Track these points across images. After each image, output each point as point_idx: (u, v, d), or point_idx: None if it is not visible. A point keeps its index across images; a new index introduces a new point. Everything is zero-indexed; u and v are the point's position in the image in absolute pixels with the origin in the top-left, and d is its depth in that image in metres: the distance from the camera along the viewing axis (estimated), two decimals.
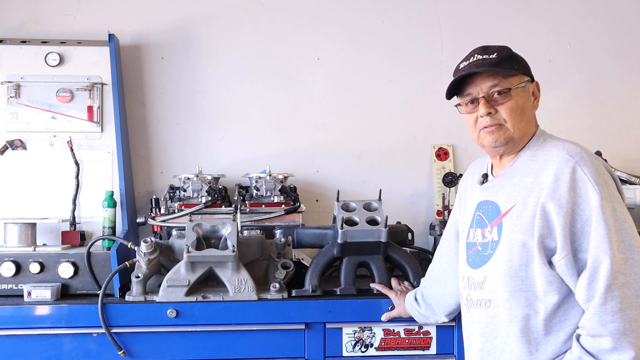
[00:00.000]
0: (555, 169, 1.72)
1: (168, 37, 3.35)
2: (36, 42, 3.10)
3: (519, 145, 1.86)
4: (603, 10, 3.50)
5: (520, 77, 1.85)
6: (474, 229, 1.91)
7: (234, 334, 2.51)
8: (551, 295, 1.72)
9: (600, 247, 1.64)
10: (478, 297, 1.85)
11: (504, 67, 1.82)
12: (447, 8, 3.45)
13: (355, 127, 3.42)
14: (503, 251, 1.77)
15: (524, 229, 1.74)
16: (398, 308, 2.43)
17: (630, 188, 3.20)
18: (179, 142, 3.35)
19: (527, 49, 3.50)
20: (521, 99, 1.83)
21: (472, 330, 1.90)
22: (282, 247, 2.67)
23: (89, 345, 2.47)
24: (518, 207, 1.76)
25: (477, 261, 1.87)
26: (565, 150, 1.76)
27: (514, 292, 1.75)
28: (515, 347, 1.75)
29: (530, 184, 1.76)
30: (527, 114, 1.85)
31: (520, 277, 1.74)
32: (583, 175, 1.70)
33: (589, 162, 1.72)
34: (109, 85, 3.07)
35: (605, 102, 3.50)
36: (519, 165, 1.83)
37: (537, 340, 1.73)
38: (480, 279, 1.85)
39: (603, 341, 1.62)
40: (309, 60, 3.41)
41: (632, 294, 1.62)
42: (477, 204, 1.91)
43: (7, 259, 2.62)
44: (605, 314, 1.62)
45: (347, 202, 2.70)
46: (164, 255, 2.60)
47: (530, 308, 1.74)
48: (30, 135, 3.03)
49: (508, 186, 1.82)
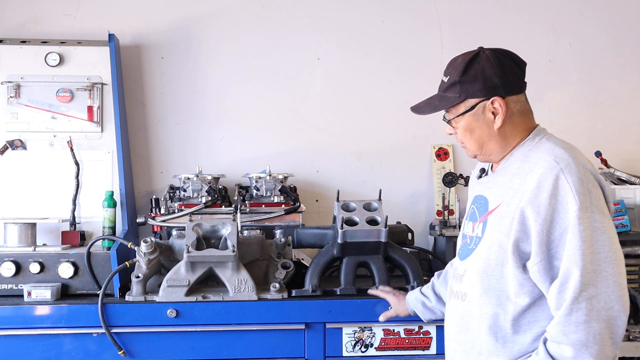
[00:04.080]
0: (540, 175, 1.72)
1: (168, 37, 3.35)
2: (36, 42, 3.10)
3: (502, 153, 1.87)
4: (603, 10, 3.50)
5: (465, 103, 1.84)
6: (468, 220, 1.94)
7: (234, 334, 2.51)
8: (522, 298, 1.74)
9: (572, 259, 1.65)
10: (457, 289, 1.90)
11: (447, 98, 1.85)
12: (447, 8, 3.45)
13: (355, 127, 3.42)
14: (483, 248, 1.80)
15: (503, 230, 1.75)
16: (396, 307, 2.42)
17: (630, 188, 3.21)
18: (179, 142, 3.35)
19: (527, 49, 3.52)
20: (468, 123, 1.85)
21: (450, 320, 1.94)
22: (282, 247, 2.67)
23: (89, 345, 2.47)
24: (502, 206, 1.78)
25: (463, 253, 1.91)
26: (553, 156, 1.75)
27: (487, 290, 1.78)
28: (485, 341, 1.79)
29: (517, 185, 1.77)
30: (478, 135, 1.85)
31: (495, 276, 1.77)
32: (565, 183, 1.69)
33: (574, 170, 1.72)
34: (109, 85, 3.07)
35: (605, 102, 3.50)
36: (511, 164, 1.84)
37: (505, 338, 1.77)
38: (461, 272, 1.89)
39: (565, 350, 1.65)
40: (309, 60, 3.41)
41: (600, 307, 1.63)
42: (474, 197, 1.94)
43: (7, 259, 2.62)
44: (569, 324, 1.64)
45: (347, 202, 2.70)
46: (164, 255, 2.60)
47: (500, 307, 1.77)
48: (30, 135, 3.03)
49: (499, 184, 1.84)
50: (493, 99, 1.81)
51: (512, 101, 1.84)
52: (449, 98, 1.85)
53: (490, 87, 1.81)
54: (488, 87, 1.82)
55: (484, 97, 1.82)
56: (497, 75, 1.82)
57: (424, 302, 2.32)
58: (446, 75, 1.89)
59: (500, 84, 1.82)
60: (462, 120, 1.85)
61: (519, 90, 1.88)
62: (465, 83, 1.83)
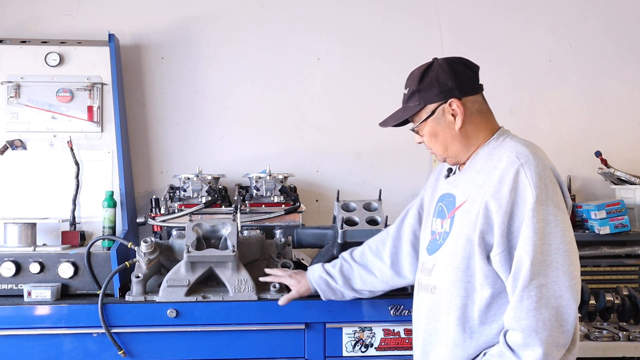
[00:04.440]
0: (502, 170, 1.82)
1: (168, 37, 3.35)
2: (36, 42, 3.10)
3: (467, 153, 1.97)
4: (603, 10, 3.50)
5: (425, 110, 1.96)
6: (435, 218, 2.02)
7: (234, 334, 2.51)
8: (486, 289, 1.83)
9: (525, 248, 1.74)
10: (426, 283, 1.97)
11: (408, 108, 1.98)
12: (447, 8, 3.45)
13: (355, 127, 3.42)
14: (451, 243, 1.90)
15: (469, 224, 1.85)
16: (297, 287, 2.41)
17: (630, 188, 3.21)
18: (179, 142, 3.35)
19: (527, 49, 3.54)
20: (431, 128, 1.97)
21: (419, 312, 2.01)
22: (282, 247, 2.67)
23: (89, 345, 2.47)
24: (469, 202, 1.88)
25: (432, 249, 1.99)
26: (515, 152, 1.84)
27: (455, 282, 1.86)
28: (452, 332, 1.87)
29: (482, 181, 1.86)
30: (441, 138, 1.97)
31: (462, 268, 1.85)
32: (524, 177, 1.78)
33: (534, 165, 1.80)
34: (109, 85, 3.07)
35: (605, 102, 3.50)
36: (476, 163, 1.93)
37: (472, 329, 1.85)
38: (430, 266, 1.97)
39: (516, 335, 1.74)
40: (308, 60, 3.41)
41: (550, 295, 1.72)
42: (441, 195, 2.03)
43: (7, 259, 2.62)
44: (520, 311, 1.73)
45: (347, 202, 2.70)
46: (164, 255, 2.60)
47: (468, 299, 1.85)
48: (30, 135, 3.03)
49: (465, 181, 1.93)
50: (450, 101, 1.92)
51: (469, 101, 1.94)
52: (411, 107, 1.98)
53: (445, 90, 1.93)
54: (444, 91, 1.93)
55: (442, 100, 1.94)
56: (450, 79, 1.93)
57: (327, 281, 2.36)
58: (406, 88, 2.02)
59: (455, 86, 1.92)
60: (425, 126, 1.98)
61: (475, 91, 1.97)
62: (422, 91, 1.95)
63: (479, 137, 1.95)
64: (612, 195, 3.33)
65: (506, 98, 3.45)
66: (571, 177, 3.40)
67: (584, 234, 3.14)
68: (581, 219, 3.21)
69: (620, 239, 3.08)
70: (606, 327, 2.77)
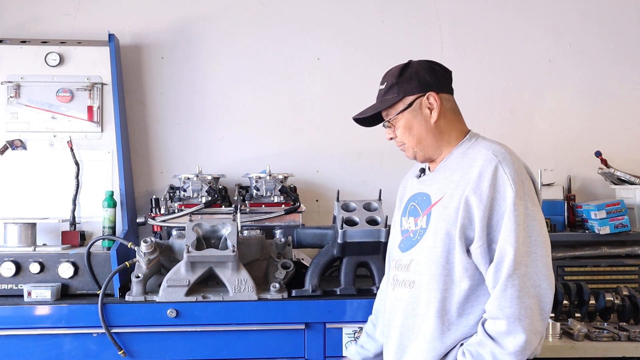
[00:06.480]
0: (480, 166, 1.88)
1: (168, 37, 3.35)
2: (36, 42, 3.10)
3: (438, 151, 2.02)
4: (603, 10, 3.50)
5: (403, 101, 2.00)
6: (406, 217, 2.05)
7: (234, 334, 2.51)
8: (464, 281, 1.87)
9: (507, 240, 1.81)
10: (404, 278, 1.99)
11: (386, 100, 2.03)
12: (447, 8, 3.45)
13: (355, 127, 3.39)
14: (429, 238, 1.93)
15: (449, 219, 1.89)
16: None
17: (630, 188, 3.20)
18: (179, 142, 3.35)
19: (527, 49, 3.54)
20: (406, 121, 2.01)
21: (396, 307, 2.02)
22: (282, 247, 2.67)
23: (89, 345, 2.47)
24: (446, 198, 1.92)
25: (406, 246, 2.02)
26: (491, 150, 1.90)
27: (435, 276, 1.90)
28: (430, 325, 1.90)
29: (458, 178, 1.91)
30: (416, 130, 2.01)
31: (441, 262, 1.89)
32: (503, 173, 1.85)
33: (510, 162, 1.88)
34: (109, 85, 3.07)
35: (605, 102, 3.50)
36: (451, 162, 1.98)
37: (450, 321, 1.89)
38: (407, 262, 1.99)
39: (500, 324, 1.79)
40: (308, 61, 3.41)
41: (530, 284, 1.80)
42: (412, 195, 2.07)
43: (7, 259, 2.63)
44: (504, 299, 1.79)
45: (347, 202, 2.70)
46: (164, 255, 2.60)
47: (447, 292, 1.89)
48: (30, 135, 3.03)
49: (440, 179, 1.97)
50: (428, 94, 1.98)
51: (444, 99, 2.01)
52: (388, 99, 2.04)
53: (424, 84, 1.99)
54: (422, 84, 1.99)
55: (420, 92, 1.99)
56: (429, 75, 2.00)
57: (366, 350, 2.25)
58: (382, 84, 2.08)
59: (433, 81, 1.99)
60: (401, 118, 2.02)
61: (449, 91, 2.04)
62: (401, 83, 2.01)
63: (451, 135, 2.01)
64: (612, 195, 3.33)
65: (506, 98, 3.45)
66: (571, 177, 3.40)
67: (584, 234, 3.14)
68: (581, 219, 3.21)
69: (620, 239, 3.08)
70: (606, 327, 2.77)
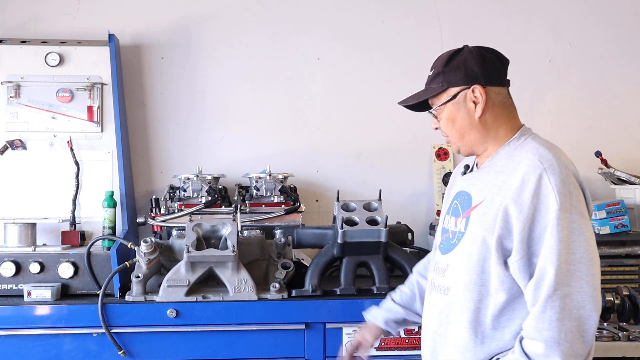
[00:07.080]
0: (524, 173, 1.76)
1: (168, 37, 3.35)
2: (36, 42, 3.10)
3: (483, 147, 1.91)
4: (603, 10, 3.50)
5: (447, 92, 1.89)
6: (449, 215, 1.96)
7: (234, 334, 2.51)
8: (501, 294, 1.77)
9: (548, 257, 1.69)
10: (440, 283, 1.91)
11: (431, 89, 1.92)
12: (447, 8, 3.45)
13: (355, 127, 3.42)
14: (466, 244, 1.83)
15: (486, 226, 1.78)
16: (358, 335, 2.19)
17: (630, 188, 3.20)
18: (179, 142, 3.35)
19: (527, 49, 3.54)
20: (450, 113, 1.89)
21: (431, 312, 1.95)
22: (282, 247, 2.67)
23: (89, 345, 2.47)
24: (486, 203, 1.81)
25: (445, 248, 1.93)
26: (537, 155, 1.78)
27: (469, 285, 1.80)
28: (463, 336, 1.81)
29: (501, 182, 1.79)
30: (459, 124, 1.89)
31: (476, 271, 1.79)
32: (548, 183, 1.72)
33: (557, 170, 1.74)
34: (109, 85, 3.07)
35: (605, 102, 3.50)
36: (496, 162, 1.86)
37: (484, 334, 1.79)
38: (443, 266, 1.90)
39: (537, 346, 1.68)
40: (308, 61, 3.41)
41: (573, 306, 1.68)
42: (457, 192, 1.96)
43: (7, 259, 2.63)
44: (542, 322, 1.68)
45: (347, 202, 2.70)
46: (164, 255, 2.60)
47: (482, 302, 1.79)
48: (30, 135, 3.03)
49: (483, 181, 1.86)
50: (473, 87, 1.85)
51: (493, 92, 1.87)
52: (433, 88, 1.91)
53: (471, 76, 1.86)
54: (469, 75, 1.86)
55: (465, 85, 1.86)
56: (478, 65, 1.87)
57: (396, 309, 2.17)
58: (432, 70, 1.95)
59: (481, 73, 1.86)
60: (444, 110, 1.90)
61: (501, 83, 1.90)
62: (447, 73, 1.88)
63: (498, 130, 1.88)
64: (612, 195, 3.33)
65: None
66: None
67: None
68: None
69: (620, 239, 3.08)
70: (606, 327, 2.77)
